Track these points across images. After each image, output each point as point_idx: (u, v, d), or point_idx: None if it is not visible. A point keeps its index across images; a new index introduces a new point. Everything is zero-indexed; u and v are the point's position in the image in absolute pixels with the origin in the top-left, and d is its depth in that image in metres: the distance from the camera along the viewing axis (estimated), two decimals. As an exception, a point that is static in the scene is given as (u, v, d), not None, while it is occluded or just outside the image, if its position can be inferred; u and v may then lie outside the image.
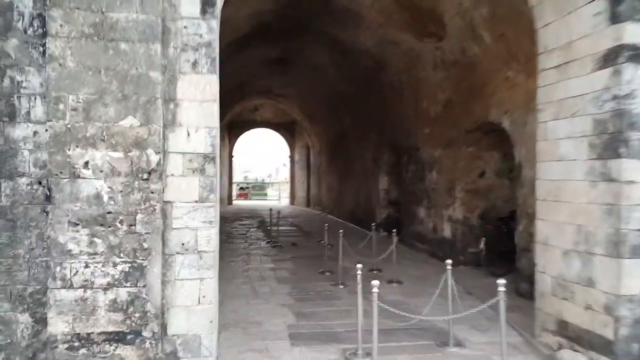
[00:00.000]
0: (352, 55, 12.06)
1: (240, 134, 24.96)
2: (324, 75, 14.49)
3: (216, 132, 3.53)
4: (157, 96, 3.32)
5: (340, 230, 7.88)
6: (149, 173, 3.29)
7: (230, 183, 25.09)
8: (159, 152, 3.32)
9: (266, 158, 56.37)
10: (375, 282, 3.96)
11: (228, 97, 16.53)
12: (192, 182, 3.43)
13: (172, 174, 3.41)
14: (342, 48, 11.93)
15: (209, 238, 3.43)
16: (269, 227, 13.55)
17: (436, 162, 9.86)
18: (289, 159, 26.11)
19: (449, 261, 5.06)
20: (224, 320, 5.42)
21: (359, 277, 4.47)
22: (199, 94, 3.47)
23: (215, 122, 3.52)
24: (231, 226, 14.52)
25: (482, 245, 8.12)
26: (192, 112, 3.46)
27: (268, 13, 10.39)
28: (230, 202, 24.55)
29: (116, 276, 3.21)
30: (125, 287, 3.21)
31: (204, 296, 3.41)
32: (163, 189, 3.37)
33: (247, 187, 28.66)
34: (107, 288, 3.19)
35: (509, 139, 7.64)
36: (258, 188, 29.07)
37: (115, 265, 3.21)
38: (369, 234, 8.71)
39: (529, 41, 6.74)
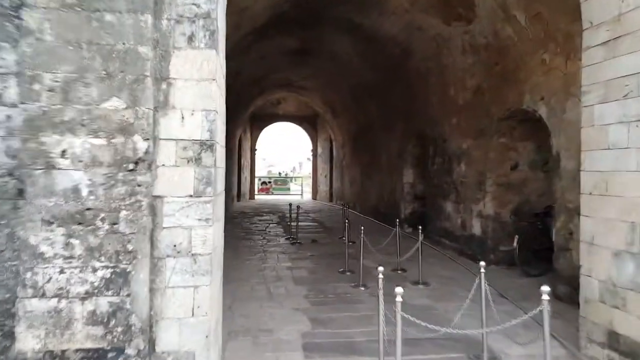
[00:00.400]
0: (377, 43, 11.42)
1: (263, 127, 24.58)
2: (346, 65, 13.87)
3: (215, 116, 3.01)
4: (146, 74, 2.82)
5: (362, 227, 7.31)
6: (136, 163, 2.80)
7: (253, 177, 24.76)
8: (148, 139, 2.82)
9: (290, 152, 56.11)
10: (399, 290, 3.39)
11: (248, 90, 16.12)
12: (186, 173, 2.93)
13: (163, 164, 2.91)
14: (366, 35, 11.30)
15: (205, 239, 2.93)
16: (289, 223, 13.09)
17: (465, 154, 9.17)
18: (311, 153, 25.60)
19: (483, 263, 4.44)
20: (233, 327, 4.95)
21: (380, 281, 3.91)
22: (196, 72, 2.96)
23: (214, 104, 3.00)
24: (250, 222, 14.12)
25: (515, 244, 7.42)
26: (188, 93, 2.95)
27: (286, 2, 9.86)
28: (252, 196, 24.23)
29: (96, 283, 2.74)
30: (106, 296, 2.74)
31: (198, 307, 2.92)
32: (152, 182, 2.88)
33: (269, 182, 28.24)
34: (85, 297, 2.73)
35: (545, 128, 6.92)
36: (280, 182, 28.61)
37: (94, 270, 2.74)
38: (393, 230, 8.12)
39: (567, 19, 6.02)
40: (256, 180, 26.06)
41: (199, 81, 2.96)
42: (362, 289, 6.56)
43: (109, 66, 2.79)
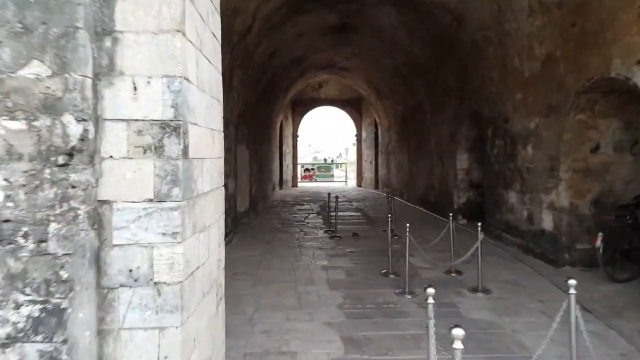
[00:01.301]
0: (425, 12, 10.14)
1: (305, 112, 23.74)
2: (391, 40, 12.64)
3: (183, 85, 2.10)
4: (77, 25, 1.96)
5: (407, 224, 6.26)
6: (69, 155, 1.96)
7: (295, 164, 24.06)
8: (85, 120, 1.97)
9: (336, 137, 55.12)
10: (459, 332, 2.36)
11: (287, 73, 15.25)
12: (143, 168, 2.06)
13: (111, 156, 2.05)
14: (413, 3, 10.04)
15: (172, 261, 2.07)
16: (329, 212, 12.23)
17: (532, 135, 7.82)
18: (355, 138, 24.49)
19: (573, 282, 3.30)
20: (250, 347, 4.12)
21: (429, 307, 2.91)
22: (152, 21, 2.06)
23: (181, 67, 2.09)
24: (290, 211, 13.35)
25: (598, 242, 6.11)
26: (142, 52, 2.06)
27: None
28: (294, 184, 23.55)
29: (20, 325, 1.95)
30: (34, 342, 1.94)
31: (165, 357, 2.07)
32: (95, 181, 2.03)
33: (312, 168, 27.39)
34: (6, 344, 1.94)
35: (638, 100, 5.53)
36: (323, 169, 27.60)
37: (17, 307, 1.95)
38: (447, 224, 7.00)
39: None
40: (299, 167, 25.33)
41: (156, 34, 2.05)
42: (409, 297, 5.54)
43: (25, 16, 1.95)
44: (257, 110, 12.79)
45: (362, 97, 21.61)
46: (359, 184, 23.86)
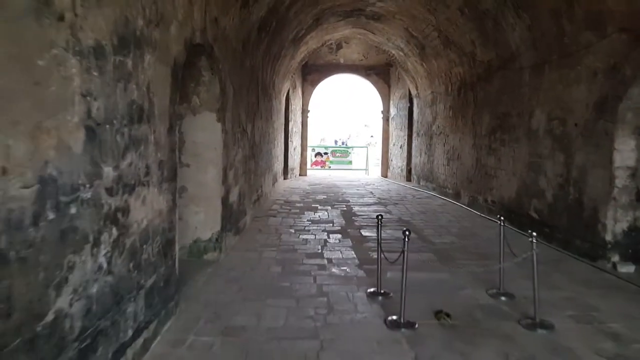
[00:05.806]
0: None
1: (318, 82, 18.13)
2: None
3: None
4: None
5: None
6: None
7: (304, 147, 18.56)
8: None
9: (344, 117, 48.81)
10: None
11: (294, 14, 9.64)
12: None
13: None
14: None
15: None
16: (360, 232, 6.88)
17: None
18: (381, 115, 18.85)
19: None
20: None
21: None
22: None
23: None
24: (296, 225, 7.89)
25: None
26: None
27: None
28: (303, 172, 18.11)
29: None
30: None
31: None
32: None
33: (325, 153, 21.68)
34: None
35: None
36: (339, 154, 21.77)
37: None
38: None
39: None
40: (309, 150, 19.74)
41: None
42: None
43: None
44: (247, 59, 7.29)
45: (392, 62, 15.98)
46: (385, 174, 18.37)
